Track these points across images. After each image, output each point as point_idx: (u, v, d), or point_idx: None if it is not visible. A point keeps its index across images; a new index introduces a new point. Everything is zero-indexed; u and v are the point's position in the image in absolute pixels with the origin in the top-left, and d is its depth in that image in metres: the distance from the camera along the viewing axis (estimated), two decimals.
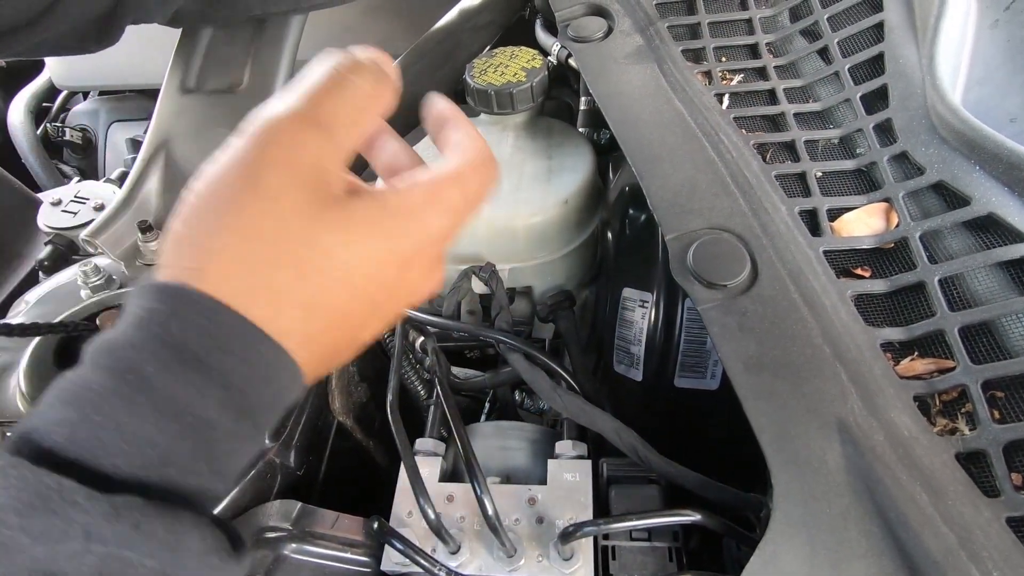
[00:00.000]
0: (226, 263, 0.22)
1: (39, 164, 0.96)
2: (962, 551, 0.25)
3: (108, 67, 0.94)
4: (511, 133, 0.54)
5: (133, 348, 0.21)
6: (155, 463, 0.20)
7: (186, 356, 0.21)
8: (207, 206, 0.23)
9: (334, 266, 0.23)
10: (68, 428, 0.20)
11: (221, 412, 0.22)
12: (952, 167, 0.34)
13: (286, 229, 0.22)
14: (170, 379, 0.21)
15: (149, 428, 0.20)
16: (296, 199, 0.23)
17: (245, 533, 0.39)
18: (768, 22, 0.49)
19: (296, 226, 0.23)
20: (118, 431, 0.20)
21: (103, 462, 0.20)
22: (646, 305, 0.47)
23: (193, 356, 0.21)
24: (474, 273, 0.48)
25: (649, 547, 0.36)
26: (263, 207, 0.22)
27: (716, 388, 0.46)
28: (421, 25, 0.65)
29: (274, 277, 0.22)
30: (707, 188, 0.38)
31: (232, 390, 0.22)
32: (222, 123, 0.53)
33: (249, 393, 0.22)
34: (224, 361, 0.21)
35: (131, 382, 0.20)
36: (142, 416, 0.20)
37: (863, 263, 0.35)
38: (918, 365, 0.30)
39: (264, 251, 0.22)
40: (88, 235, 0.50)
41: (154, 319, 0.21)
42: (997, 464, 0.27)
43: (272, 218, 0.22)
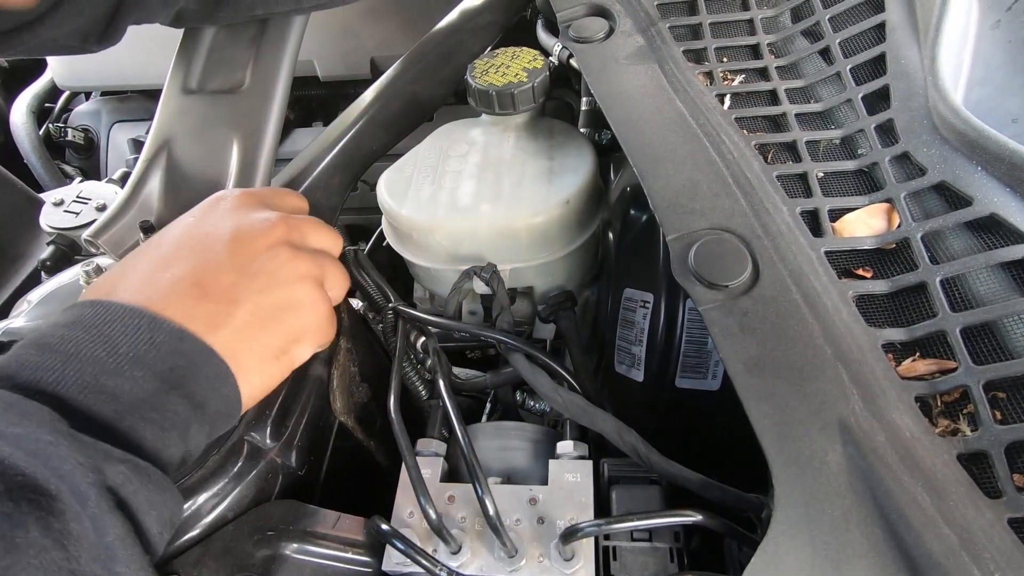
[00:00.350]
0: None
1: (41, 164, 0.97)
2: (964, 552, 0.25)
3: (110, 68, 0.94)
4: (512, 133, 0.54)
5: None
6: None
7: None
8: (160, 267, 0.34)
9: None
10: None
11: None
12: (954, 167, 0.34)
13: (217, 285, 0.34)
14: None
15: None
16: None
17: (246, 533, 0.39)
18: (769, 23, 0.49)
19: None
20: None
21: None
22: (647, 305, 0.47)
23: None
24: (475, 273, 0.48)
25: (650, 547, 0.36)
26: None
27: (717, 389, 0.46)
28: (422, 26, 0.65)
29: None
30: (708, 188, 0.38)
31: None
32: (224, 123, 0.53)
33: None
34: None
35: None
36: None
37: (864, 264, 0.35)
38: (920, 366, 0.30)
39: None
40: (90, 235, 0.50)
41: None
42: (999, 465, 0.27)
43: (207, 283, 0.34)
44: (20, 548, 0.22)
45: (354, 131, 0.56)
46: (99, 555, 0.24)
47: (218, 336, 0.32)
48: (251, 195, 0.39)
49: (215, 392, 0.32)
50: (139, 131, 0.99)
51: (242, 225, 0.36)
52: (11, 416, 0.25)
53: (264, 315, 0.34)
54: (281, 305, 0.36)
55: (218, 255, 0.34)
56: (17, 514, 0.22)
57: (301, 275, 0.37)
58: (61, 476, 0.24)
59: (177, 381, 0.30)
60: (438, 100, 0.61)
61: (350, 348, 0.52)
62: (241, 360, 0.33)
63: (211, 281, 0.33)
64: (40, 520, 0.23)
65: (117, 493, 0.26)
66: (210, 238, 0.35)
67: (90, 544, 0.23)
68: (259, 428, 0.42)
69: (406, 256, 0.53)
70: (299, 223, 0.39)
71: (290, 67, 0.56)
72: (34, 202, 0.65)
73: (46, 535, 0.22)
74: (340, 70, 0.90)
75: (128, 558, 0.25)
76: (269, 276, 0.35)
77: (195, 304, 0.32)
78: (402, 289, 0.57)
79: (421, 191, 0.50)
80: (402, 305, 0.52)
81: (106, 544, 0.24)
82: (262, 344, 0.34)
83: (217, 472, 0.40)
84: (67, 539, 0.23)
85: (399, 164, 0.54)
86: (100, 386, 0.28)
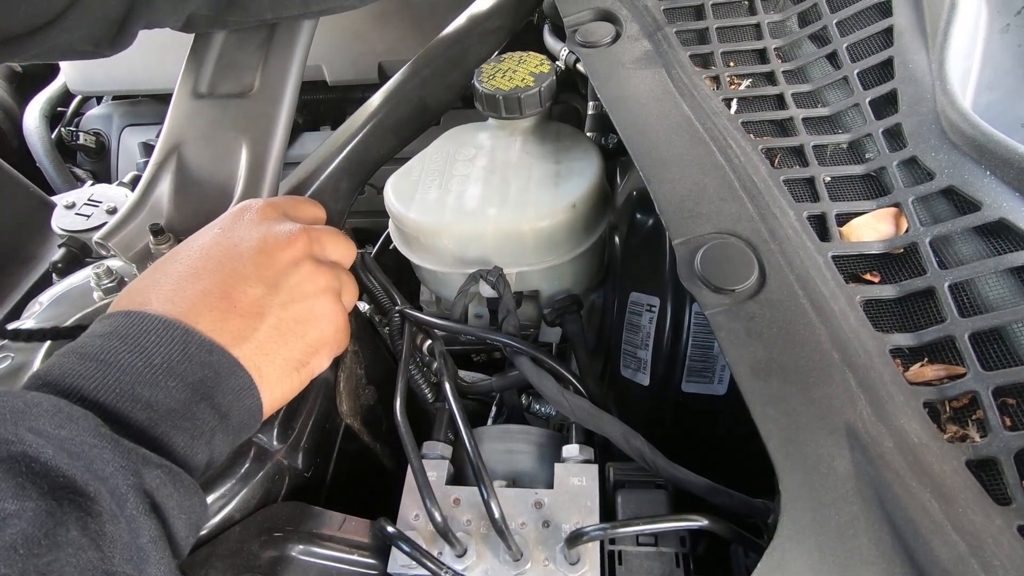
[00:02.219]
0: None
1: (53, 168, 0.98)
2: (973, 559, 0.25)
3: (122, 72, 0.95)
4: (519, 137, 0.54)
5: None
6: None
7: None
8: (188, 281, 0.35)
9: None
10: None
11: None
12: (962, 172, 0.34)
13: (244, 297, 0.35)
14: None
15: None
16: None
17: (252, 534, 0.39)
18: (776, 27, 0.49)
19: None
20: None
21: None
22: (653, 309, 0.47)
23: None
24: (481, 277, 0.48)
25: (656, 552, 0.36)
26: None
27: (723, 393, 0.46)
28: (430, 30, 0.65)
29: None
30: (715, 193, 0.38)
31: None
32: (233, 127, 0.53)
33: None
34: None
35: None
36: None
37: (872, 268, 0.35)
38: (928, 371, 0.30)
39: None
40: (101, 238, 0.50)
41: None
42: (1008, 472, 0.26)
43: (234, 296, 0.35)
44: (60, 546, 0.23)
45: (362, 135, 0.57)
46: (132, 556, 0.25)
47: (243, 349, 0.33)
48: (274, 206, 0.40)
49: (239, 403, 0.33)
50: (149, 135, 1.00)
51: (267, 237, 0.37)
52: (59, 419, 0.26)
53: (287, 328, 0.36)
54: (303, 318, 0.37)
55: (244, 268, 0.36)
56: (59, 513, 0.23)
57: (321, 288, 0.38)
58: (102, 479, 0.25)
59: (206, 392, 0.31)
60: (445, 104, 0.61)
61: (357, 351, 0.52)
62: (264, 372, 0.34)
63: (238, 294, 0.34)
64: (79, 520, 0.24)
65: (153, 497, 0.27)
66: (236, 250, 0.36)
67: (123, 545, 0.25)
68: (266, 430, 0.43)
69: (412, 259, 0.53)
70: (319, 235, 0.41)
71: (299, 71, 0.56)
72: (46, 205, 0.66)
73: (84, 534, 0.24)
74: (348, 74, 0.90)
75: (159, 560, 0.26)
76: (292, 290, 0.37)
77: (223, 317, 0.33)
78: (408, 292, 0.57)
79: (428, 195, 0.51)
80: (408, 308, 0.52)
81: (139, 546, 0.25)
82: (284, 357, 0.35)
83: (224, 473, 0.40)
84: (102, 540, 0.24)
85: (406, 168, 0.54)
86: (136, 395, 0.29)
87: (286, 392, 0.36)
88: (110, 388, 0.29)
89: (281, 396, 0.36)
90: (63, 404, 0.27)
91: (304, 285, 0.37)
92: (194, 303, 0.33)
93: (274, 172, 0.52)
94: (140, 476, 0.26)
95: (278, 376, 0.35)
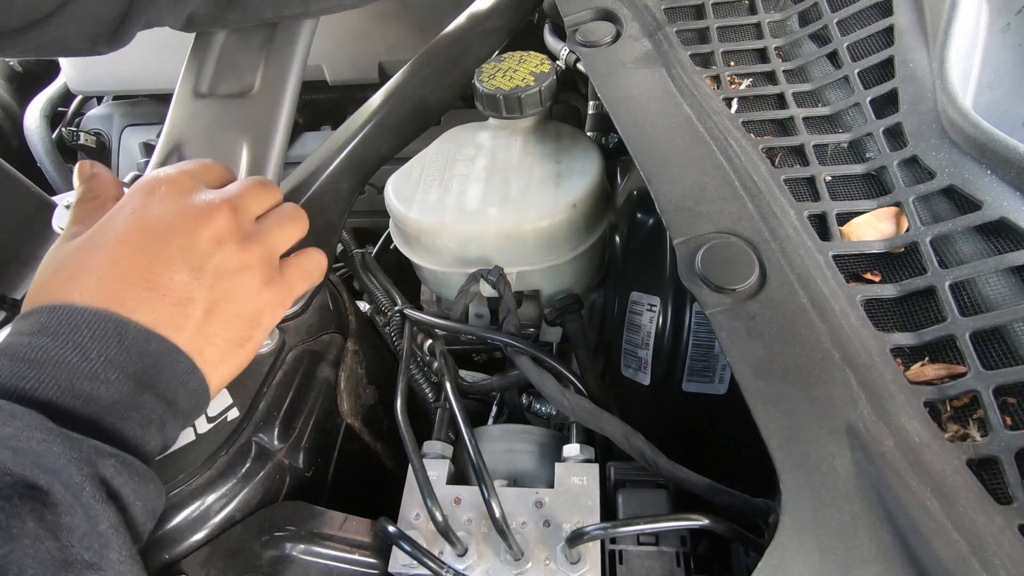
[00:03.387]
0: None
1: (54, 167, 0.98)
2: (974, 559, 0.25)
3: (122, 72, 0.95)
4: (519, 137, 0.54)
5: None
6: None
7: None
8: (115, 269, 0.33)
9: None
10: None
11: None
12: (963, 171, 0.34)
13: (171, 284, 0.34)
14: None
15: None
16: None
17: (253, 534, 0.39)
18: (777, 26, 0.49)
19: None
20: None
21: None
22: (654, 309, 0.47)
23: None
24: (482, 276, 0.48)
25: (656, 551, 0.36)
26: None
27: (724, 393, 0.46)
28: (430, 30, 0.65)
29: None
30: (715, 192, 0.38)
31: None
32: (234, 127, 0.53)
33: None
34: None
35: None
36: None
37: (873, 267, 0.35)
38: (929, 370, 0.30)
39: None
40: None
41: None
42: (1009, 471, 0.26)
43: (162, 284, 0.34)
44: (16, 538, 0.23)
45: (362, 135, 0.57)
46: (92, 543, 0.25)
47: (182, 335, 0.33)
48: (185, 175, 0.38)
49: (184, 388, 0.33)
50: (150, 135, 1.00)
51: (186, 215, 0.35)
52: (1, 417, 0.26)
53: (219, 309, 0.35)
54: (234, 296, 0.36)
55: (166, 251, 0.34)
56: (10, 507, 0.24)
57: (248, 263, 0.37)
58: (54, 471, 0.25)
59: (149, 381, 0.31)
60: (446, 104, 0.61)
61: (357, 350, 0.52)
62: (207, 355, 0.34)
63: (164, 281, 0.33)
64: (34, 512, 0.24)
65: (109, 484, 0.27)
66: (155, 233, 0.34)
67: (82, 533, 0.25)
68: (267, 429, 0.43)
69: (413, 259, 0.53)
70: (239, 198, 0.38)
71: (299, 71, 0.56)
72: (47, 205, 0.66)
73: (40, 525, 0.24)
74: (349, 74, 0.90)
75: (120, 545, 0.26)
76: (218, 270, 0.35)
77: (154, 306, 0.33)
78: (409, 292, 0.57)
79: (428, 194, 0.51)
80: (409, 308, 0.52)
81: (99, 532, 0.25)
82: (223, 337, 0.35)
83: (225, 473, 0.40)
84: (59, 530, 0.24)
85: (407, 168, 0.54)
86: (77, 390, 0.29)
87: (234, 368, 0.36)
88: (48, 386, 0.29)
89: (229, 372, 0.36)
90: (3, 403, 0.27)
91: (230, 263, 0.36)
92: (121, 293, 0.32)
93: (275, 172, 0.52)
94: (94, 466, 0.27)
95: (221, 355, 0.35)
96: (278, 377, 0.45)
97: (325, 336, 0.49)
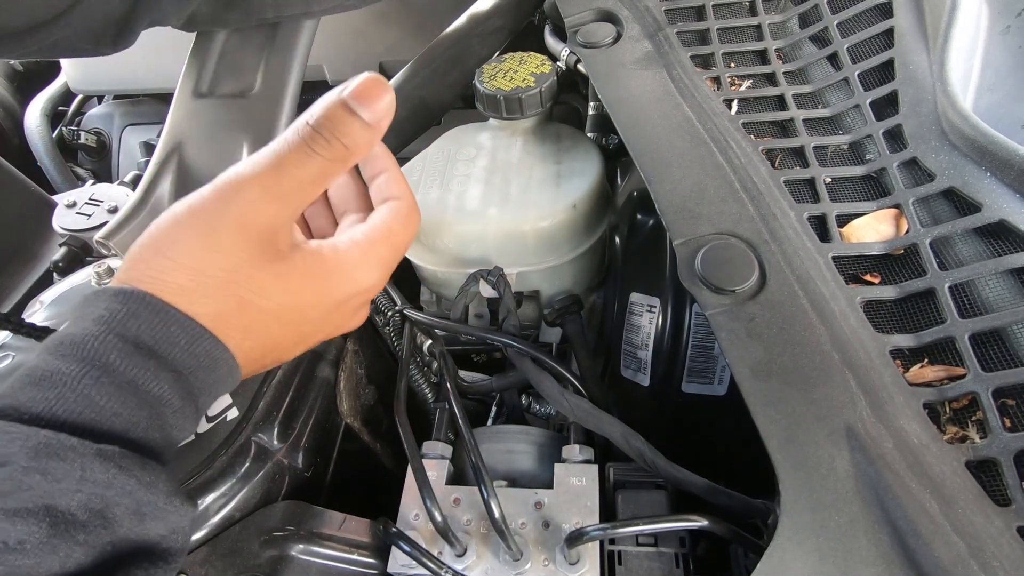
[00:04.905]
0: (180, 286, 0.27)
1: (54, 167, 0.98)
2: (972, 560, 0.25)
3: (123, 72, 0.95)
4: (520, 138, 0.54)
5: (96, 340, 0.25)
6: (119, 430, 0.25)
7: (141, 347, 0.26)
8: (168, 244, 0.27)
9: (270, 306, 0.29)
10: (46, 404, 0.24)
11: (171, 391, 0.26)
12: (963, 173, 0.34)
13: (233, 274, 0.28)
14: (129, 365, 0.25)
15: (114, 403, 0.25)
16: (245, 254, 0.28)
17: (252, 533, 0.39)
18: (777, 28, 0.49)
19: (243, 274, 0.28)
20: (90, 405, 0.24)
21: (83, 426, 0.24)
22: (654, 310, 0.47)
23: (147, 347, 0.26)
24: (482, 277, 0.48)
25: (656, 552, 0.36)
26: (215, 258, 0.27)
27: (724, 394, 0.46)
28: (431, 30, 0.65)
29: (217, 305, 0.27)
30: (715, 193, 0.38)
31: (179, 375, 0.26)
32: (234, 127, 0.53)
33: (192, 379, 0.27)
34: (172, 351, 0.26)
35: (98, 367, 0.25)
36: (108, 394, 0.25)
37: (872, 269, 0.35)
38: (928, 372, 0.30)
39: (212, 286, 0.27)
40: (102, 237, 0.50)
41: (114, 317, 0.26)
42: (1008, 473, 0.26)
43: (221, 267, 0.27)
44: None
45: None
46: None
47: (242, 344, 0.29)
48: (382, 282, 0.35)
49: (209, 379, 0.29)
50: (151, 134, 1.00)
51: (353, 315, 0.34)
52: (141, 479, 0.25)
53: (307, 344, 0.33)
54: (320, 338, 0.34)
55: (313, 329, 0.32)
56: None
57: (360, 322, 0.35)
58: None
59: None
60: (446, 104, 0.61)
61: (357, 351, 0.52)
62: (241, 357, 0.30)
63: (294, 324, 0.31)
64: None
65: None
66: (330, 312, 0.32)
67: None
68: (266, 429, 0.43)
69: (413, 259, 0.53)
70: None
71: (300, 71, 0.56)
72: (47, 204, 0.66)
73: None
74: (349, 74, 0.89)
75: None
76: (335, 332, 0.34)
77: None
78: (409, 292, 0.57)
79: (429, 194, 0.51)
80: (409, 308, 0.52)
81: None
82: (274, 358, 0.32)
83: (224, 473, 0.40)
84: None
85: (407, 168, 0.54)
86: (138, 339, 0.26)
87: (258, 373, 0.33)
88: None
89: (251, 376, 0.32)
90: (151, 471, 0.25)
91: (351, 323, 0.35)
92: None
93: None
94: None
95: (259, 367, 0.32)
96: (277, 377, 0.45)
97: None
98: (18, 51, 0.42)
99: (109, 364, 0.25)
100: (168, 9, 0.47)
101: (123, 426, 0.25)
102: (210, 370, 0.28)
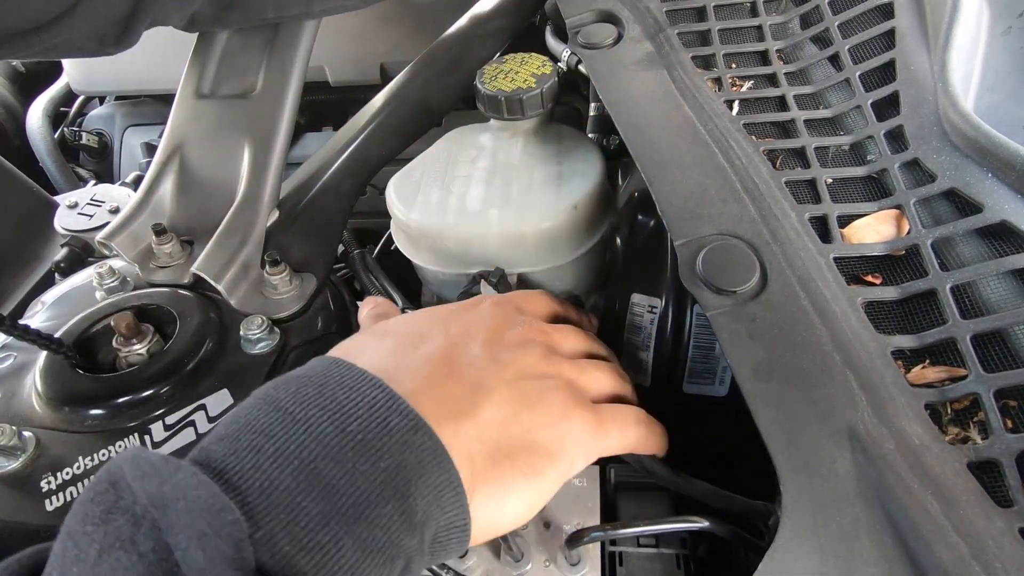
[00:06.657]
0: (419, 390, 0.27)
1: (56, 167, 0.98)
2: (974, 562, 0.25)
3: (125, 72, 0.95)
4: (521, 139, 0.54)
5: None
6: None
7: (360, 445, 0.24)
8: (409, 342, 0.31)
9: (492, 395, 0.30)
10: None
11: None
12: (964, 174, 0.34)
13: (467, 366, 0.30)
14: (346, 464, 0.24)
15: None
16: (477, 354, 0.31)
17: None
18: (778, 29, 0.49)
19: (474, 368, 0.30)
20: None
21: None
22: (655, 311, 0.47)
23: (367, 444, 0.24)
24: (483, 278, 0.48)
25: (657, 554, 0.36)
26: (455, 354, 0.31)
27: (725, 394, 0.46)
28: (432, 32, 0.65)
29: (444, 393, 0.28)
30: (716, 194, 0.38)
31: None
32: (236, 128, 0.53)
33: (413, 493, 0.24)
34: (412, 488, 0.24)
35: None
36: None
37: (873, 270, 0.35)
38: (929, 373, 0.30)
39: (440, 376, 0.29)
40: (103, 237, 0.50)
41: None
42: (1010, 474, 0.26)
43: (457, 361, 0.30)
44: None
45: (364, 136, 0.57)
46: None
47: (460, 433, 0.27)
48: (506, 299, 0.37)
49: (438, 505, 0.25)
50: (152, 135, 1.00)
51: (497, 319, 0.34)
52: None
53: (511, 412, 0.29)
54: (532, 402, 0.30)
55: (471, 338, 0.32)
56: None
57: (554, 374, 0.32)
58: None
59: (400, 486, 0.24)
60: (447, 105, 0.61)
61: None
62: (477, 467, 0.27)
63: (459, 357, 0.30)
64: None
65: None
66: (465, 324, 0.33)
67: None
68: None
69: (414, 260, 0.53)
70: (554, 330, 0.36)
71: (301, 72, 0.56)
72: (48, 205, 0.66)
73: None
74: (350, 75, 0.90)
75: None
76: (520, 367, 0.31)
77: (441, 383, 0.28)
78: (410, 293, 0.57)
79: (430, 196, 0.51)
80: (410, 309, 0.52)
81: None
82: (505, 454, 0.28)
83: None
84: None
85: (408, 169, 0.54)
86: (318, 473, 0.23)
87: (508, 505, 0.27)
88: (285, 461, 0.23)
89: (499, 514, 0.27)
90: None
91: (536, 366, 0.32)
92: (407, 366, 0.28)
93: (276, 173, 0.52)
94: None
95: (498, 477, 0.27)
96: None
97: (326, 336, 0.49)
98: (23, 51, 0.42)
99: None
100: (170, 8, 0.47)
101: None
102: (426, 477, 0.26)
